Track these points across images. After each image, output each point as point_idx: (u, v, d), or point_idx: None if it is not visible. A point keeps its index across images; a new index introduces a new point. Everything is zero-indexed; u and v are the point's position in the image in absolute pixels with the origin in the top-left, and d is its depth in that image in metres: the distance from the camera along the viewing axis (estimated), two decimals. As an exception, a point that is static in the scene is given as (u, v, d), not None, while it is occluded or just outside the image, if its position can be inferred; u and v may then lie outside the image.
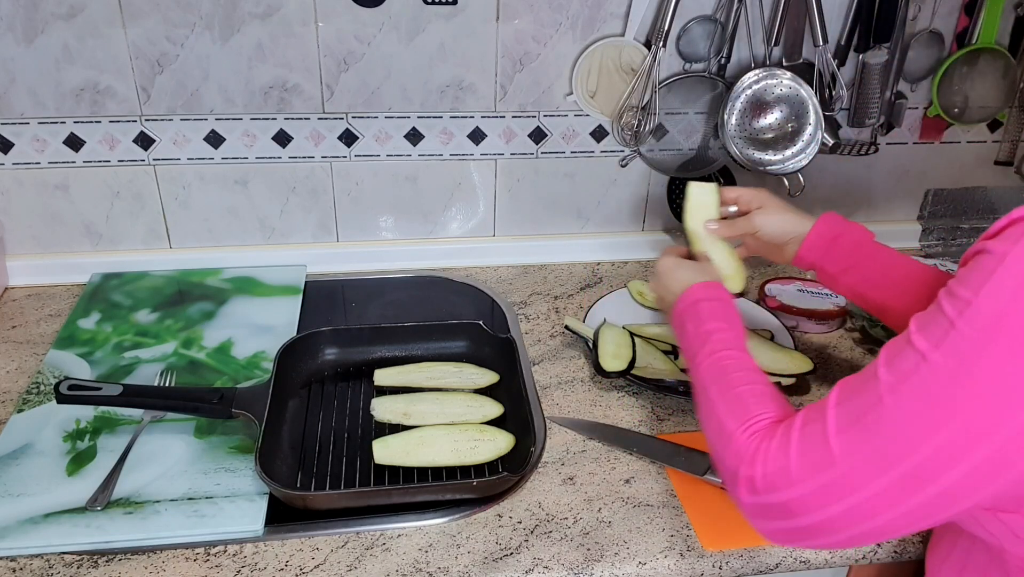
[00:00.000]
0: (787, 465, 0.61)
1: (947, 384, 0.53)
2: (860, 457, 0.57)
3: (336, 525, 0.89)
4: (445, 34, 1.20)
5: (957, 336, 0.53)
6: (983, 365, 0.52)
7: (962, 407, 0.53)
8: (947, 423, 0.53)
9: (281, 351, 1.09)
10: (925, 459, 0.54)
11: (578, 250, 1.40)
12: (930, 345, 0.54)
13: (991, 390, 0.52)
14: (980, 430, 0.52)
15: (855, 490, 0.57)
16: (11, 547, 0.85)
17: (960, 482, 0.55)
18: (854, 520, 0.59)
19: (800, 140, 1.23)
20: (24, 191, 1.24)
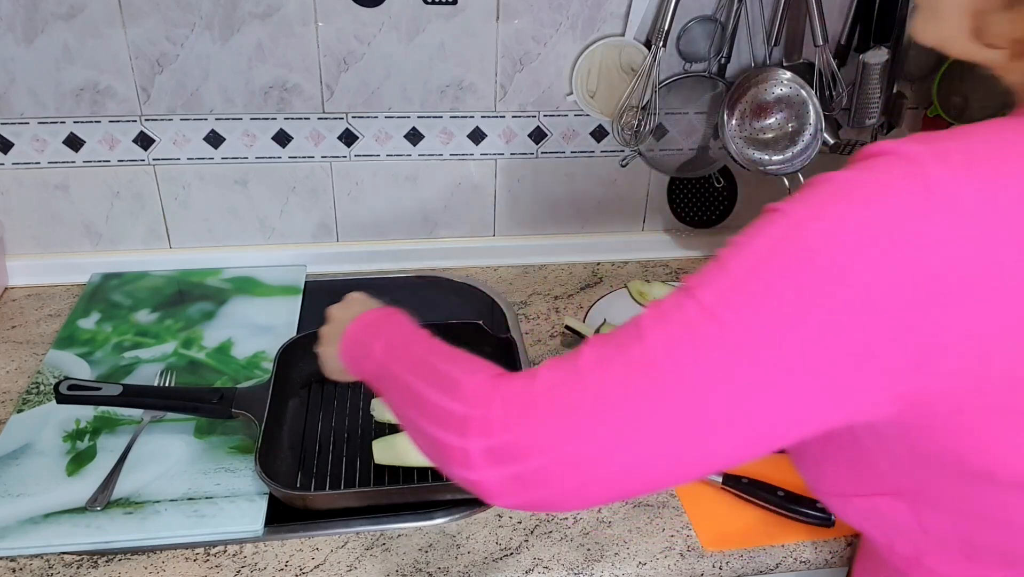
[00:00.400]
0: (533, 401, 0.55)
1: (707, 318, 0.50)
2: (620, 393, 0.52)
3: (336, 525, 0.89)
4: (445, 34, 1.20)
5: (724, 274, 0.51)
6: (742, 300, 0.50)
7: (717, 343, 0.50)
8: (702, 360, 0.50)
9: (281, 351, 1.09)
10: (683, 399, 0.51)
11: (578, 250, 1.40)
12: (699, 283, 0.52)
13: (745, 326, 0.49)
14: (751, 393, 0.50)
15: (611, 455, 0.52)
16: (11, 547, 0.85)
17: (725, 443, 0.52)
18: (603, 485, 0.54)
19: (800, 140, 1.23)
20: (24, 191, 1.24)
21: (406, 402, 0.65)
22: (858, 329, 0.47)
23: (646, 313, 0.54)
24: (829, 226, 0.48)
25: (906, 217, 0.47)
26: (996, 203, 0.47)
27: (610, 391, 0.52)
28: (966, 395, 0.49)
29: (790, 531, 0.90)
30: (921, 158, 0.48)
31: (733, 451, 0.53)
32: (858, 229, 0.47)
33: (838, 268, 0.47)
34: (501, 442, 0.55)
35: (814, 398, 0.50)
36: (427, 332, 0.71)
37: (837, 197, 0.49)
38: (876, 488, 0.60)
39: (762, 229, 0.51)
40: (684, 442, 0.52)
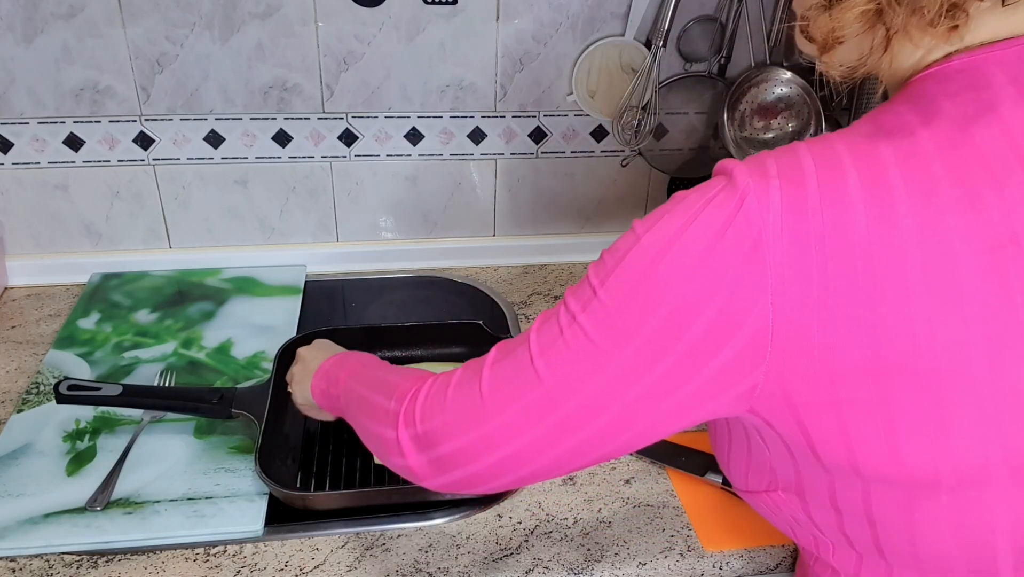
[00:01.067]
0: (443, 403, 0.64)
1: (587, 347, 0.57)
2: (510, 413, 0.60)
3: (336, 525, 0.89)
4: (445, 34, 1.20)
5: (598, 304, 0.57)
6: (620, 327, 0.56)
7: (602, 365, 0.56)
8: (588, 380, 0.57)
9: (281, 351, 1.09)
10: (567, 414, 0.58)
11: (578, 250, 1.40)
12: (578, 307, 0.59)
13: (621, 359, 0.56)
14: (616, 387, 0.56)
15: (505, 442, 0.61)
16: (11, 547, 0.85)
17: (595, 435, 0.59)
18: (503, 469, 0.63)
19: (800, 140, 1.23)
20: (24, 191, 1.24)
21: (359, 410, 0.75)
22: (682, 335, 0.53)
23: (536, 323, 0.62)
24: (658, 243, 0.55)
25: (721, 228, 0.52)
26: (804, 205, 0.50)
27: (497, 392, 0.61)
28: (800, 391, 0.53)
29: (790, 531, 0.90)
30: (741, 174, 0.52)
31: (602, 448, 0.60)
32: (676, 244, 0.54)
33: (663, 280, 0.54)
34: (422, 431, 0.65)
35: (667, 398, 0.56)
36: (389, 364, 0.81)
37: (671, 214, 0.56)
38: (771, 484, 0.64)
39: (616, 245, 0.60)
40: (552, 437, 0.60)
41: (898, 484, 0.54)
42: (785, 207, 0.51)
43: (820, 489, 0.60)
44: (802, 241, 0.50)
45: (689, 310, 0.53)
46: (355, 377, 0.80)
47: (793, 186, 0.51)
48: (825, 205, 0.50)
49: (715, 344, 0.53)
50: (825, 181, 0.51)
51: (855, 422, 0.53)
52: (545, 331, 0.60)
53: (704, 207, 0.53)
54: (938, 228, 0.49)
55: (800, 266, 0.50)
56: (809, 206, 0.50)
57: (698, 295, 0.52)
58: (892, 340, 0.50)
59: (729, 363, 0.53)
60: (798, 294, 0.50)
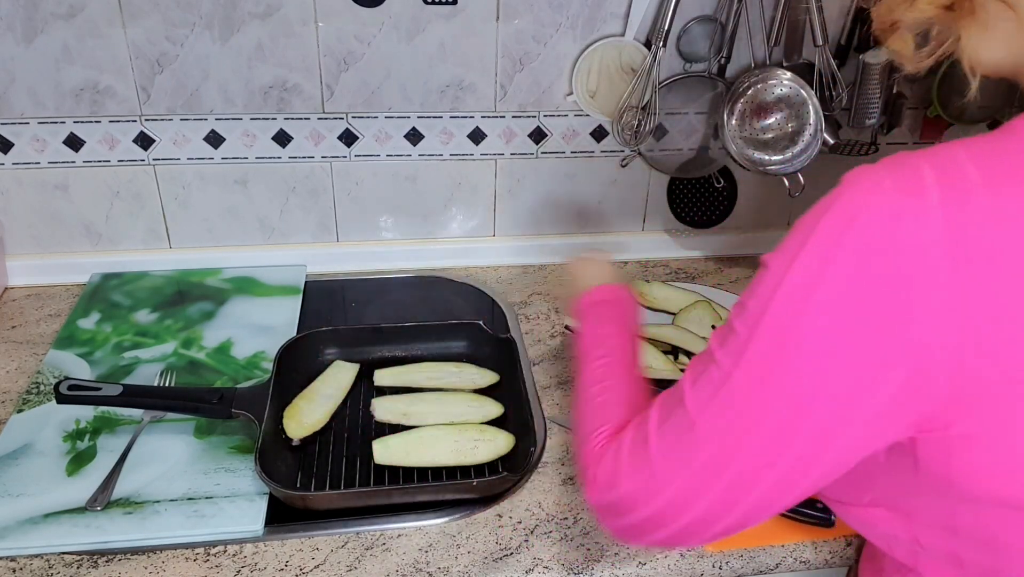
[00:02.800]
0: (618, 474, 0.64)
1: (745, 400, 0.55)
2: (679, 472, 0.59)
3: (336, 525, 0.89)
4: (445, 34, 1.20)
5: (734, 337, 0.56)
6: (747, 359, 0.55)
7: (763, 418, 0.55)
8: (752, 435, 0.55)
9: (281, 351, 1.09)
10: (740, 471, 0.57)
11: (578, 250, 1.40)
12: (729, 361, 0.56)
13: (782, 406, 0.54)
14: (782, 439, 0.55)
15: (685, 510, 0.60)
16: (11, 547, 0.85)
17: (775, 487, 0.57)
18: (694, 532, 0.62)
19: (800, 140, 1.23)
20: (24, 191, 1.24)
21: (577, 404, 0.76)
22: (848, 370, 0.51)
23: (687, 376, 0.61)
24: (803, 280, 0.52)
25: (869, 257, 0.49)
26: (968, 227, 0.47)
27: (665, 460, 0.60)
28: (963, 419, 0.51)
29: (790, 531, 0.90)
30: (888, 190, 0.49)
31: (781, 499, 0.58)
32: (827, 278, 0.51)
33: (817, 320, 0.51)
34: (607, 501, 0.65)
35: (835, 440, 0.54)
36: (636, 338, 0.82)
37: (810, 246, 0.52)
38: (874, 501, 0.63)
39: (755, 287, 0.56)
40: (731, 496, 0.58)
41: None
42: (949, 225, 0.47)
43: (937, 513, 0.58)
44: (968, 265, 0.47)
45: (848, 346, 0.51)
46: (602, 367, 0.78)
47: (957, 199, 0.47)
48: (992, 221, 0.47)
49: (880, 377, 0.51)
50: (992, 192, 0.47)
51: (1011, 450, 0.51)
52: (701, 387, 0.59)
53: (845, 233, 0.50)
54: None
55: (967, 290, 0.47)
56: (975, 222, 0.47)
57: (856, 329, 0.50)
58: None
59: (896, 394, 0.51)
60: (964, 319, 0.48)
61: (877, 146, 1.33)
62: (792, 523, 0.90)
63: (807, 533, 0.89)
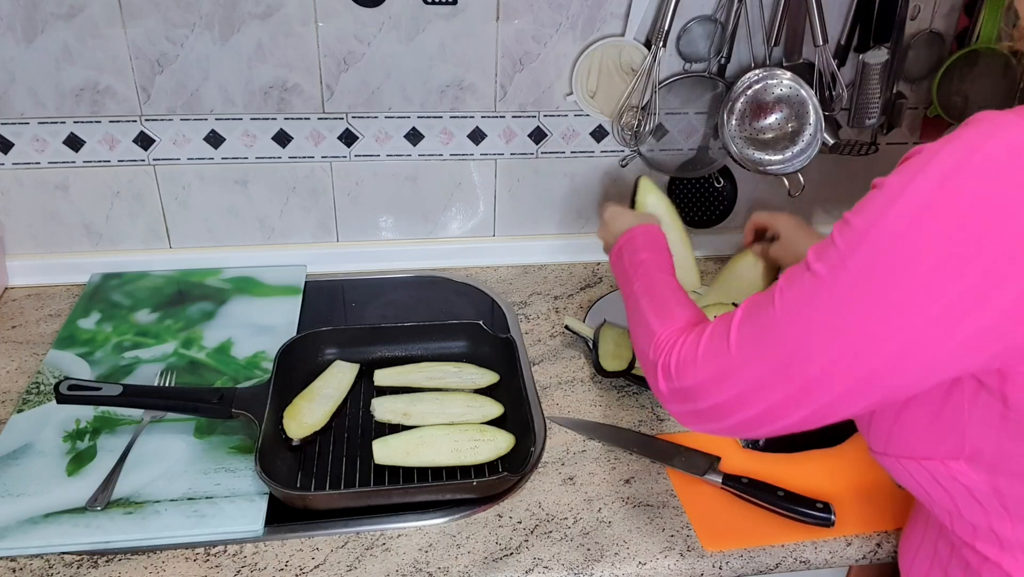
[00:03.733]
0: (695, 362, 0.68)
1: (838, 306, 0.57)
2: (758, 364, 0.63)
3: (336, 525, 0.89)
4: (445, 34, 1.20)
5: (833, 249, 0.58)
6: (873, 291, 0.56)
7: (851, 325, 0.57)
8: (837, 338, 0.58)
9: (281, 351, 1.09)
10: (820, 370, 0.59)
11: (578, 250, 1.40)
12: (826, 270, 0.58)
13: (877, 314, 0.56)
14: (872, 343, 0.56)
15: (755, 405, 0.64)
16: (11, 547, 0.85)
17: (850, 390, 0.59)
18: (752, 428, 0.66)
19: (800, 140, 1.23)
20: (24, 191, 1.24)
21: (636, 317, 0.83)
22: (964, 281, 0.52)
23: (779, 283, 0.63)
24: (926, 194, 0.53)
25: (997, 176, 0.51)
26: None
27: (745, 351, 0.64)
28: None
29: (790, 531, 0.90)
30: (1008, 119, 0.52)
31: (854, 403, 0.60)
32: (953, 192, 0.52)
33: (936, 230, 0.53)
34: (678, 387, 0.70)
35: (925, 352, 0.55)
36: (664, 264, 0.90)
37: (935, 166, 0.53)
38: (953, 452, 0.63)
39: (863, 205, 0.58)
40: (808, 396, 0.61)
41: None
42: None
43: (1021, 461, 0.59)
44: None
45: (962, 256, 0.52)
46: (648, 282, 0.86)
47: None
48: None
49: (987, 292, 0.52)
50: None
51: None
52: (793, 290, 0.61)
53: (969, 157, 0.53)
54: None
55: None
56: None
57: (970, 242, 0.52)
58: None
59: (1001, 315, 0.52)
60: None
61: (877, 146, 1.33)
62: (792, 523, 0.90)
63: (807, 533, 0.89)
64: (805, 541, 0.89)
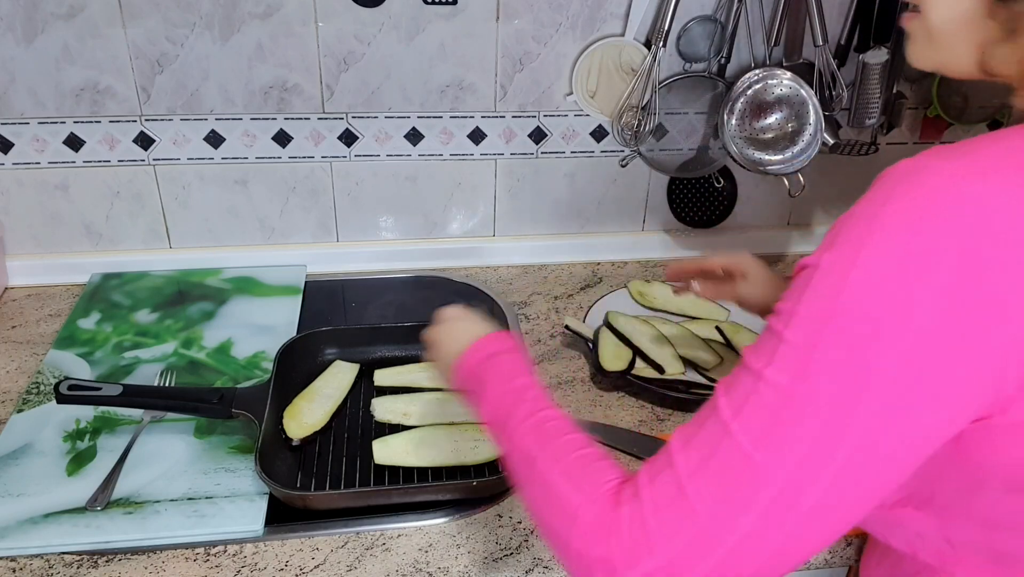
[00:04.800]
0: (645, 530, 0.53)
1: (786, 399, 0.50)
2: (720, 496, 0.51)
3: (336, 525, 0.89)
4: (445, 34, 1.20)
5: (786, 348, 0.51)
6: (815, 370, 0.50)
7: (806, 420, 0.50)
8: (797, 440, 0.50)
9: (281, 351, 1.09)
10: (785, 483, 0.50)
11: (578, 250, 1.40)
12: (763, 363, 0.51)
13: (828, 396, 0.49)
14: (830, 439, 0.50)
15: (723, 537, 0.52)
16: (11, 547, 0.85)
17: (826, 497, 0.51)
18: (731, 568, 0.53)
19: (800, 140, 1.23)
20: (24, 191, 1.24)
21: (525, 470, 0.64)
22: (929, 361, 0.48)
23: (721, 402, 0.53)
24: (864, 273, 0.49)
25: (935, 241, 0.47)
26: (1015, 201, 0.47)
27: (715, 502, 0.51)
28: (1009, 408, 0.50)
29: (790, 531, 0.89)
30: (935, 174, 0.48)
31: (851, 519, 0.53)
32: (892, 267, 0.48)
33: (885, 312, 0.48)
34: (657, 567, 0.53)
35: (909, 438, 0.50)
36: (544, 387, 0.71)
37: (864, 237, 0.49)
38: (903, 500, 0.61)
39: (803, 290, 0.51)
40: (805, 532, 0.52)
41: None
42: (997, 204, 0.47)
43: (977, 506, 0.57)
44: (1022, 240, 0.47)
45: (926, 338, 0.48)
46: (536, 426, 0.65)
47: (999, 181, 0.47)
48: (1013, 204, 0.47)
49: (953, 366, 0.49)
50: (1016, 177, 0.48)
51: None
52: (751, 414, 0.52)
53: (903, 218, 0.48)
54: None
55: None
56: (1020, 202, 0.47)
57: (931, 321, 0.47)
58: None
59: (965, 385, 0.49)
60: None
61: (877, 146, 1.33)
62: (792, 523, 0.90)
63: (807, 533, 0.89)
64: (805, 541, 0.89)
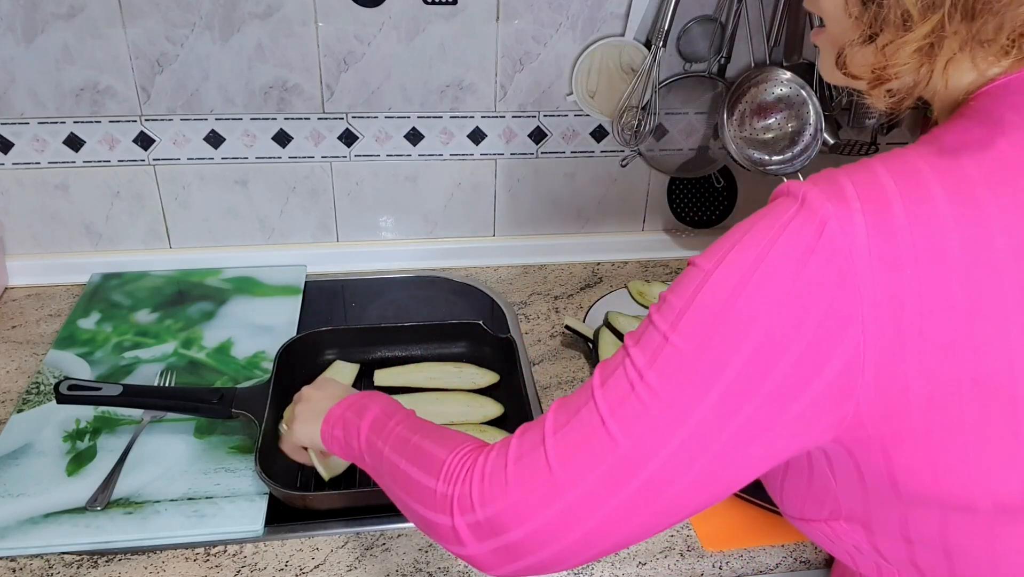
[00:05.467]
0: (505, 483, 0.57)
1: (664, 401, 0.52)
2: (586, 484, 0.55)
3: (336, 525, 0.89)
4: (445, 34, 1.20)
5: (671, 351, 0.53)
6: (698, 377, 0.52)
7: (682, 420, 0.52)
8: (670, 437, 0.52)
9: (281, 351, 1.09)
10: (650, 476, 0.53)
11: (578, 250, 1.40)
12: (646, 358, 0.54)
13: (706, 402, 0.51)
14: (701, 441, 0.52)
15: (584, 518, 0.55)
16: (11, 547, 0.85)
17: (682, 493, 0.54)
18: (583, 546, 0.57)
19: (800, 140, 1.23)
20: (24, 191, 1.24)
21: (395, 483, 0.67)
22: (772, 370, 0.50)
23: (596, 377, 0.57)
24: (733, 276, 0.51)
25: (803, 256, 0.49)
26: (891, 227, 0.48)
27: (568, 463, 0.55)
28: (891, 418, 0.51)
29: (790, 531, 0.90)
30: (816, 197, 0.50)
31: (690, 503, 0.56)
32: (755, 276, 0.50)
33: (746, 315, 0.50)
34: (483, 517, 0.58)
35: (756, 441, 0.52)
36: (411, 412, 0.74)
37: (738, 246, 0.52)
38: (832, 513, 0.61)
39: (681, 285, 0.55)
40: (634, 504, 0.55)
41: (981, 512, 0.52)
42: (871, 230, 0.48)
43: (890, 519, 0.57)
44: (893, 265, 0.48)
45: (776, 344, 0.49)
46: (383, 437, 0.71)
47: (877, 207, 0.48)
48: (914, 226, 0.48)
49: (805, 378, 0.50)
50: (910, 200, 0.48)
51: (944, 449, 0.51)
52: (612, 387, 0.55)
53: (779, 235, 0.50)
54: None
55: (893, 291, 0.48)
56: (896, 227, 0.48)
57: (785, 328, 0.49)
58: (989, 364, 0.48)
59: (820, 396, 0.50)
60: (892, 319, 0.48)
61: (877, 146, 1.33)
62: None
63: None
64: (805, 541, 0.89)
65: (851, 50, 0.56)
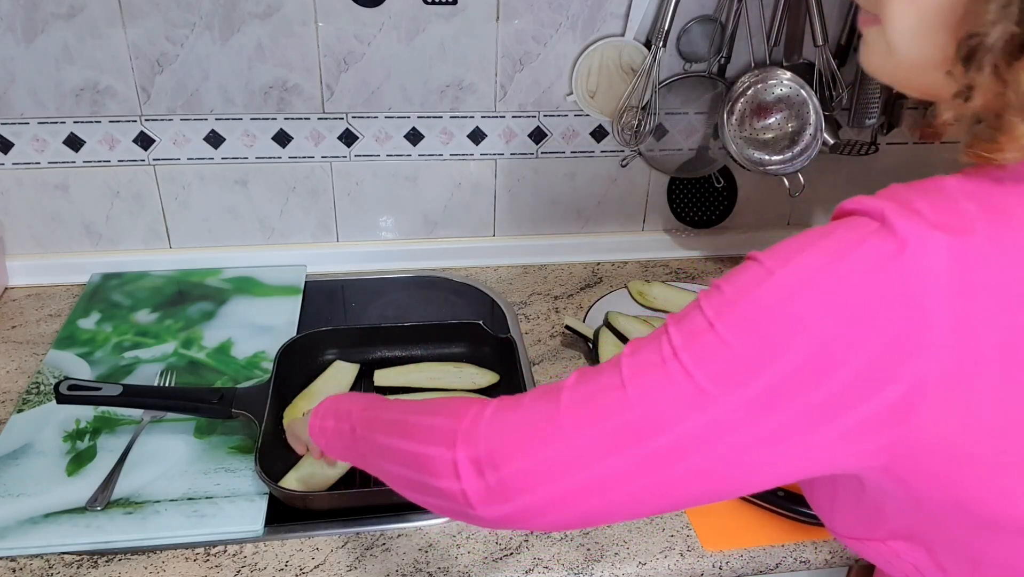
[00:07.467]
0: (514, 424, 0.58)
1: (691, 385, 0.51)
2: (591, 432, 0.54)
3: (336, 525, 0.89)
4: (445, 34, 1.20)
5: (714, 338, 0.51)
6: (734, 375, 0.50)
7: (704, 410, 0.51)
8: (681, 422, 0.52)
9: (281, 351, 1.09)
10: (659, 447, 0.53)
11: (578, 250, 1.40)
12: (683, 341, 0.52)
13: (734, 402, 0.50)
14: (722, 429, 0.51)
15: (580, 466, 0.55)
16: (11, 547, 0.85)
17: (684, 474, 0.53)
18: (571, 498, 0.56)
19: (800, 140, 1.23)
20: (24, 191, 1.24)
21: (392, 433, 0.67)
22: (822, 382, 0.48)
23: (627, 348, 0.56)
24: (797, 279, 0.49)
25: (876, 274, 0.48)
26: (973, 257, 0.47)
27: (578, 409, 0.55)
28: (954, 445, 0.49)
29: (790, 531, 0.90)
30: (898, 218, 0.48)
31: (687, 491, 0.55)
32: (824, 283, 0.49)
33: (804, 321, 0.48)
34: (485, 450, 0.58)
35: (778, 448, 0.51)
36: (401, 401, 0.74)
37: (809, 250, 0.50)
38: (888, 533, 0.60)
39: (738, 277, 0.53)
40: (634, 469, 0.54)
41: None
42: (953, 255, 0.47)
43: (955, 542, 0.55)
44: (971, 293, 0.47)
45: (833, 358, 0.48)
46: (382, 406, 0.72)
47: (959, 231, 0.47)
48: (995, 253, 0.47)
49: (858, 396, 0.48)
50: (992, 225, 0.48)
51: (1012, 475, 0.50)
52: (641, 357, 0.54)
53: (855, 248, 0.48)
54: None
55: (970, 319, 0.47)
56: (978, 254, 0.47)
57: (845, 343, 0.47)
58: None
59: (872, 417, 0.48)
60: (966, 347, 0.47)
61: (877, 146, 1.33)
62: (792, 523, 0.90)
63: (807, 533, 0.89)
64: (805, 541, 0.89)
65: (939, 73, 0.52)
